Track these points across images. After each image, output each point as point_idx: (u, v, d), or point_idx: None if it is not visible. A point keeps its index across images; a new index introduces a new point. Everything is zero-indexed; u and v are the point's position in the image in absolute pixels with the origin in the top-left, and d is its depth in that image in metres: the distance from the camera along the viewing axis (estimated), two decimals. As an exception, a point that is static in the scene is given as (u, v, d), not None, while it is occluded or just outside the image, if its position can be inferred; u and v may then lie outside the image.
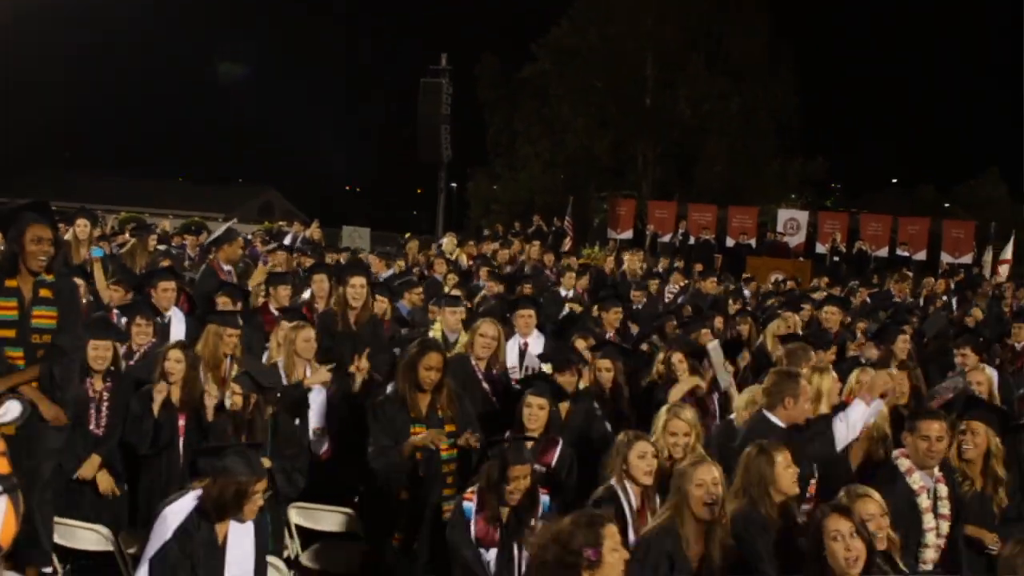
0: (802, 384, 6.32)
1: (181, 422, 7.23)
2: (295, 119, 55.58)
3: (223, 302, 9.18)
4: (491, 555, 5.51)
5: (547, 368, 8.09)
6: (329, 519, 7.31)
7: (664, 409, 6.37)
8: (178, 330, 8.99)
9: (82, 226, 11.87)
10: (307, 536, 7.42)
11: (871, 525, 4.80)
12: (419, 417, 6.66)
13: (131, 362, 8.04)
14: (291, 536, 7.29)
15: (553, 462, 6.48)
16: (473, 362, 8.14)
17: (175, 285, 9.36)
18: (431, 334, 9.16)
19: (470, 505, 5.62)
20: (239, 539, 5.11)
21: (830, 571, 4.52)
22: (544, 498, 5.61)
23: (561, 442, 6.66)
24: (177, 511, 5.05)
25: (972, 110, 49.41)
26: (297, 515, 7.28)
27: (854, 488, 5.12)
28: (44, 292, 6.28)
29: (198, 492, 5.06)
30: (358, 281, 9.17)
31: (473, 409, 7.04)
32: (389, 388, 7.22)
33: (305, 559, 7.29)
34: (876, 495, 5.04)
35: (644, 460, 5.65)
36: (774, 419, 6.18)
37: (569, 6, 37.54)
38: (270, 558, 6.43)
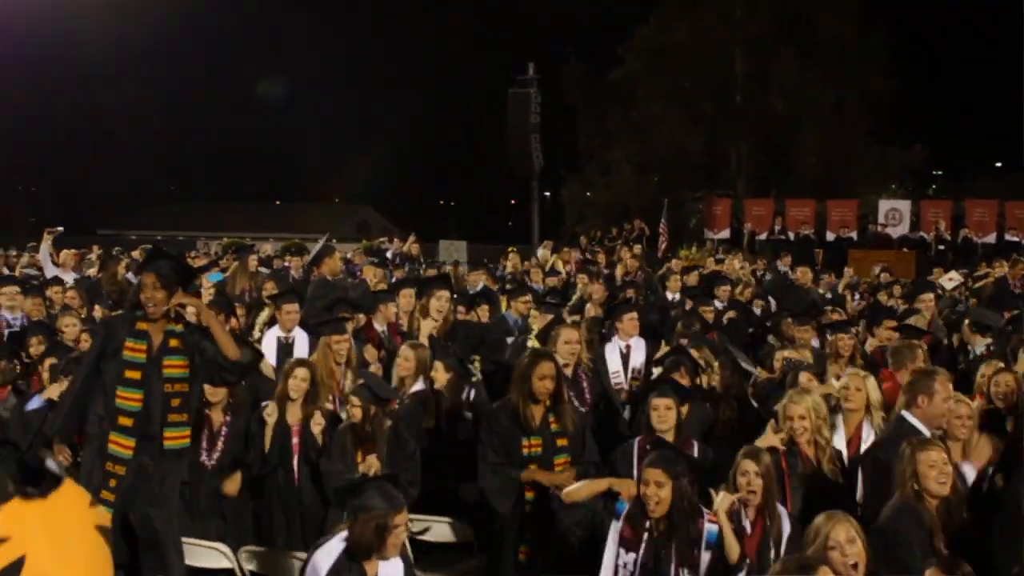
0: (938, 380, 6.19)
1: (295, 439, 7.42)
2: (385, 136, 56.20)
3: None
4: (629, 558, 5.50)
5: (656, 371, 8.09)
6: (441, 530, 7.41)
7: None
8: (302, 350, 9.15)
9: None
10: (419, 548, 7.52)
11: None
12: (531, 430, 6.70)
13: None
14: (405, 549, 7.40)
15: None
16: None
17: (298, 307, 9.60)
18: (529, 341, 9.21)
19: (624, 505, 5.61)
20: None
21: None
22: (711, 527, 5.43)
23: (696, 442, 6.60)
24: (326, 553, 5.13)
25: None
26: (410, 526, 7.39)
27: None
28: (173, 342, 6.47)
29: (344, 534, 5.13)
30: (442, 295, 9.28)
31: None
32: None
33: (420, 572, 7.39)
34: None
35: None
36: (912, 420, 6.06)
37: (656, 4, 37.34)
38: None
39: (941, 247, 23.78)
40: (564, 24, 48.32)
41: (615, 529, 5.56)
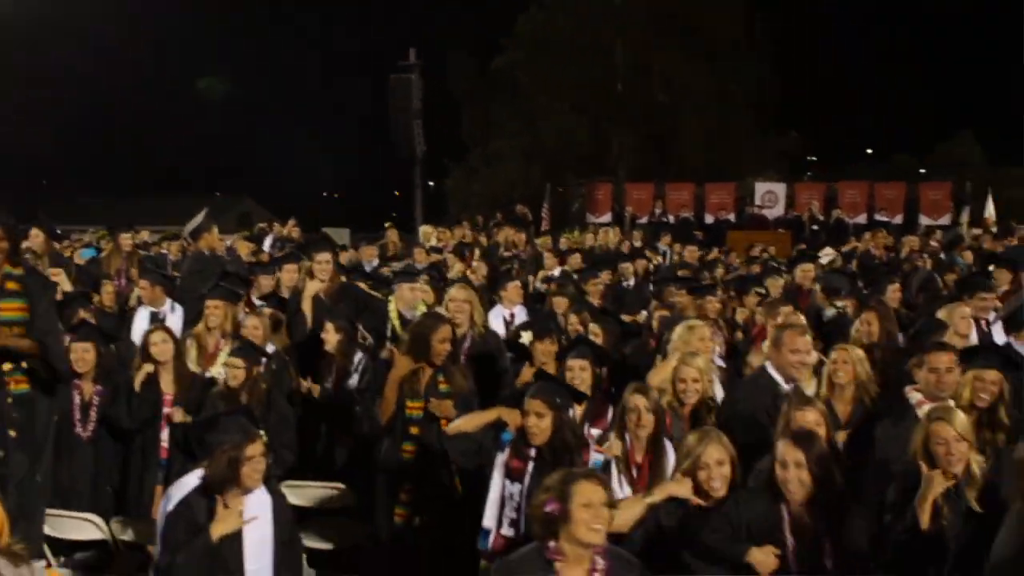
0: (786, 334, 6.51)
1: (166, 409, 7.26)
2: (266, 128, 55.25)
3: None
4: (515, 488, 5.50)
5: (527, 336, 8.12)
6: (320, 496, 7.32)
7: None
8: (175, 324, 9.03)
9: (35, 236, 11.72)
10: (299, 514, 7.42)
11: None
12: (414, 392, 6.70)
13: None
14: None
15: (608, 425, 6.29)
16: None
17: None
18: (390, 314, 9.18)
19: (509, 435, 5.62)
20: (257, 522, 5.05)
21: None
22: (597, 456, 5.50)
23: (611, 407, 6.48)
24: (180, 486, 5.09)
25: (943, 75, 49.69)
26: (290, 494, 7.27)
27: None
28: (11, 285, 6.21)
29: (201, 471, 5.06)
30: (322, 257, 9.21)
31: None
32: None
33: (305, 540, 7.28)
34: None
35: None
36: (770, 370, 6.46)
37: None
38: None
39: (815, 227, 24.38)
40: (448, 13, 48.25)
41: (500, 460, 5.58)
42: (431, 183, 40.35)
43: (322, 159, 58.12)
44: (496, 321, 9.37)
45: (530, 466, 5.46)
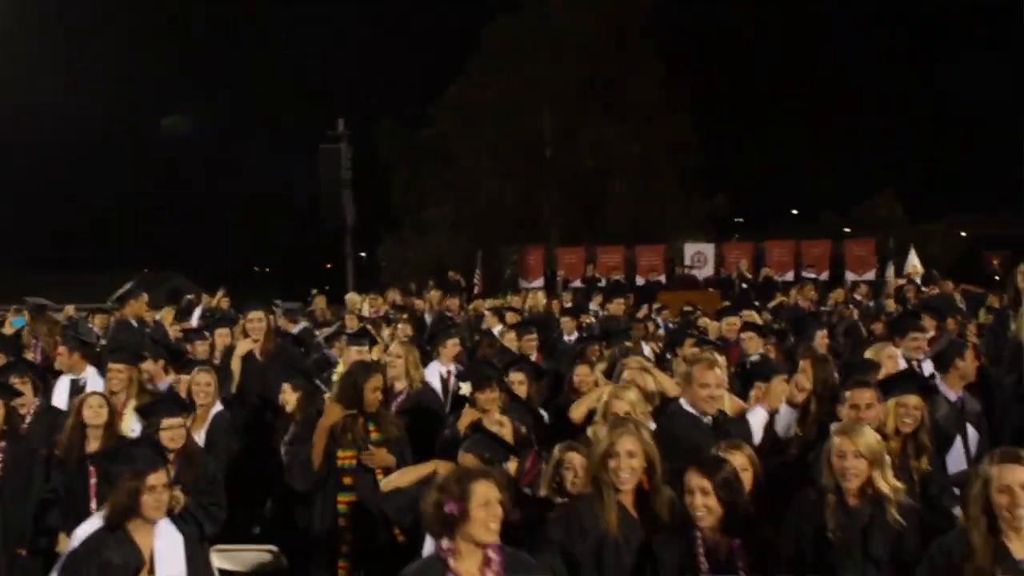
0: (695, 369, 6.58)
1: (93, 480, 7.06)
2: (194, 200, 55.07)
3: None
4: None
5: (466, 387, 8.06)
6: (252, 560, 7.14)
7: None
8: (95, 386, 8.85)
9: None
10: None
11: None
12: (345, 442, 6.61)
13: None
14: (215, 583, 7.09)
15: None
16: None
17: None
18: (334, 376, 9.12)
19: None
20: (167, 549, 4.98)
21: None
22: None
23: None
24: (87, 526, 5.05)
25: (864, 134, 51.13)
26: (219, 559, 7.09)
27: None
28: None
29: (103, 511, 5.00)
30: (255, 315, 9.14)
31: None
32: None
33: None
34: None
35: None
36: (684, 404, 6.53)
37: (464, 63, 38.08)
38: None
39: (744, 285, 24.70)
40: (376, 82, 48.66)
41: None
42: (363, 254, 40.28)
43: (250, 233, 57.97)
44: (433, 377, 9.30)
45: None
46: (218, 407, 8.04)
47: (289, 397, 7.92)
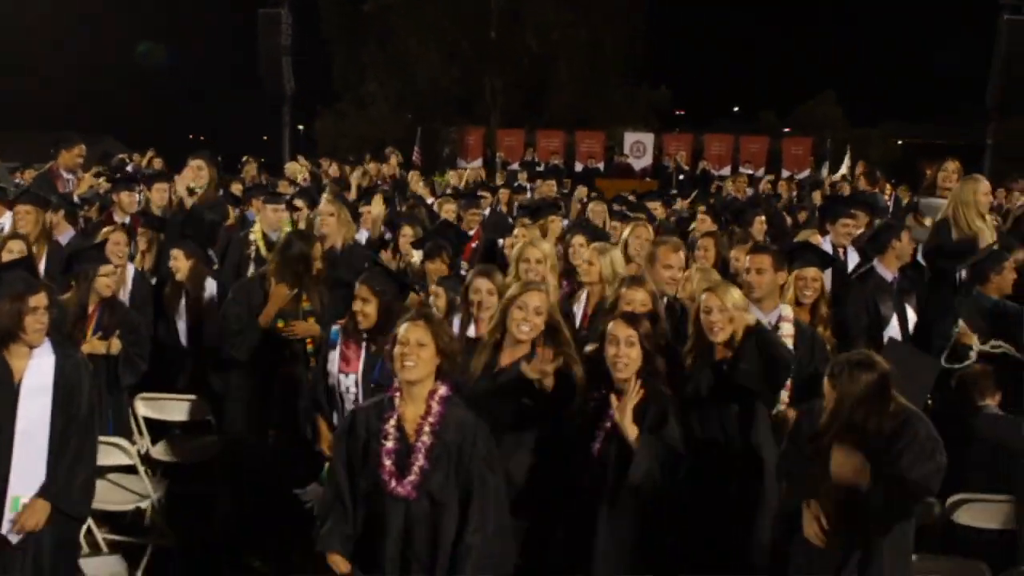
0: (659, 249, 6.72)
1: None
2: (127, 62, 53.27)
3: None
4: (350, 380, 5.53)
5: (417, 255, 8.10)
6: (178, 409, 7.17)
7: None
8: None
9: None
10: (157, 429, 7.27)
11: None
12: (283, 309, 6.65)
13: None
14: (140, 431, 7.12)
15: None
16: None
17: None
18: (251, 235, 9.01)
19: (336, 333, 5.73)
20: (36, 374, 4.96)
21: None
22: None
23: None
24: None
25: (806, 34, 51.01)
26: (144, 407, 7.11)
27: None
28: None
29: None
30: (196, 163, 9.15)
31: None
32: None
33: (156, 452, 7.14)
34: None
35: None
36: None
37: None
38: (117, 439, 6.32)
39: (681, 177, 24.76)
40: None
41: (333, 360, 5.66)
42: (300, 127, 39.60)
43: (188, 102, 56.53)
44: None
45: (361, 354, 5.58)
46: (131, 267, 7.94)
47: (181, 264, 7.80)
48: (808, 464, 4.46)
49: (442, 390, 4.39)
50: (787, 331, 5.90)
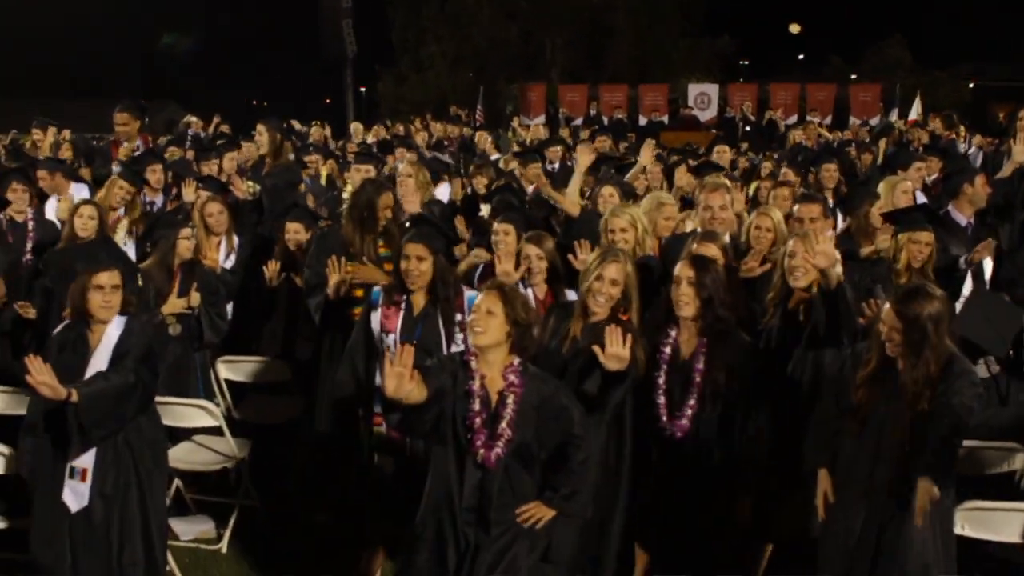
0: (703, 193, 6.70)
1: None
2: (191, 30, 53.85)
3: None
4: (390, 340, 5.46)
5: (486, 208, 8.12)
6: (260, 371, 7.27)
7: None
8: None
9: None
10: (239, 390, 7.38)
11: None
12: (355, 255, 6.51)
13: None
14: (222, 392, 7.23)
15: None
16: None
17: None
18: (344, 193, 9.07)
19: (378, 292, 5.61)
20: (107, 341, 5.05)
21: None
22: (470, 293, 5.49)
23: None
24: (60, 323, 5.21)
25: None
26: (226, 369, 7.22)
27: None
28: None
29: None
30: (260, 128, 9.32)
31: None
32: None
33: (238, 414, 7.25)
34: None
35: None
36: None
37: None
38: (203, 401, 6.43)
39: (747, 128, 24.45)
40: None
41: (375, 319, 5.56)
42: (362, 89, 39.73)
43: (248, 67, 56.88)
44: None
45: (401, 313, 5.49)
46: (236, 239, 7.97)
47: (302, 237, 7.79)
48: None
49: (516, 361, 4.37)
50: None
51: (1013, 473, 5.57)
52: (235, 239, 7.90)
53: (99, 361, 4.99)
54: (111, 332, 5.05)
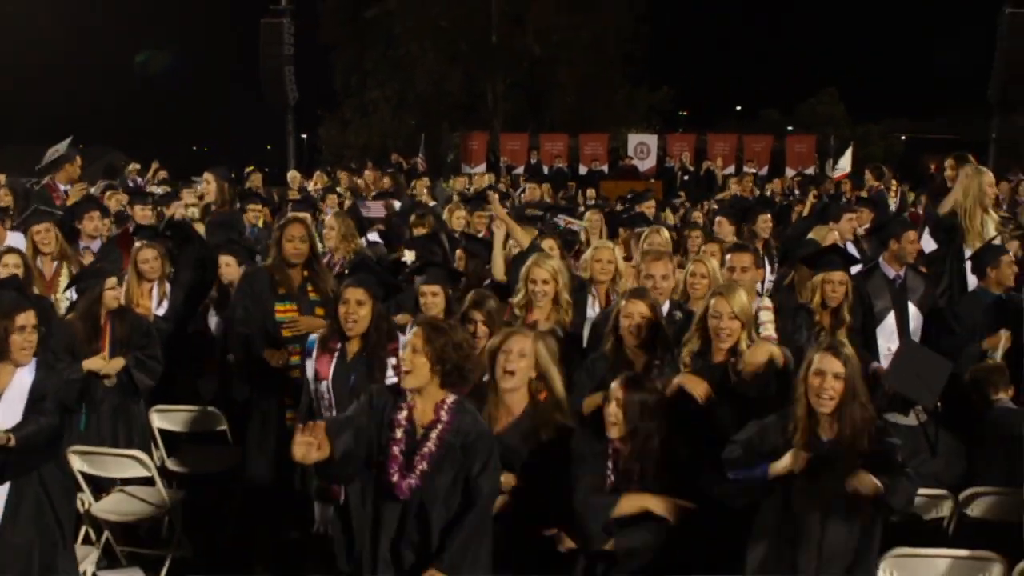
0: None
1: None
2: (131, 76, 53.40)
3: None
4: (323, 386, 5.46)
5: (410, 254, 8.13)
6: (194, 420, 7.19)
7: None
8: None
9: None
10: (174, 439, 7.29)
11: None
12: (288, 294, 6.57)
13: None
14: (156, 442, 7.14)
15: None
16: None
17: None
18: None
19: (314, 338, 5.62)
20: (17, 387, 5.04)
21: None
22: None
23: None
24: None
25: (809, 34, 51.02)
26: (160, 418, 7.14)
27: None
28: None
29: None
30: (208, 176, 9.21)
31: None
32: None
33: (172, 464, 7.16)
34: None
35: None
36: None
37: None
38: (134, 451, 6.35)
39: (686, 177, 24.80)
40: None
41: (310, 367, 5.55)
42: (303, 135, 39.66)
43: (190, 113, 56.53)
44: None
45: (334, 360, 5.47)
46: (168, 286, 7.83)
47: (233, 271, 7.81)
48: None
49: (450, 399, 4.37)
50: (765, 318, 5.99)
51: (942, 520, 5.69)
52: (167, 286, 7.83)
53: (10, 403, 4.96)
54: (23, 374, 5.03)
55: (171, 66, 51.10)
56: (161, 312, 7.63)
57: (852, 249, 8.40)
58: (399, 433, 4.32)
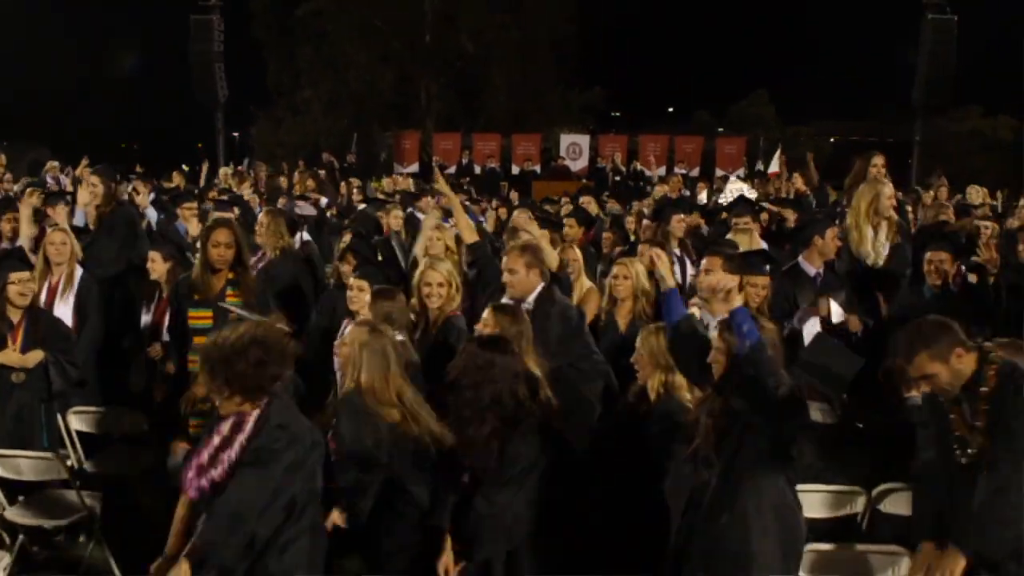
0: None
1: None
2: (58, 70, 52.32)
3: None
4: None
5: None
6: (113, 421, 7.09)
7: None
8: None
9: None
10: (92, 441, 7.18)
11: None
12: (203, 300, 6.50)
13: None
14: (72, 444, 7.03)
15: None
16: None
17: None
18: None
19: None
20: None
21: None
22: None
23: None
24: None
25: (741, 36, 51.51)
26: (77, 420, 7.03)
27: None
28: None
29: None
30: (94, 179, 9.17)
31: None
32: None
33: (89, 467, 7.05)
34: None
35: None
36: None
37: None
38: (50, 454, 6.26)
39: (617, 178, 25.00)
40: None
41: None
42: (235, 133, 39.25)
43: (117, 109, 55.59)
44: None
45: None
46: (80, 270, 7.81)
47: (159, 267, 7.75)
48: None
49: (256, 412, 4.20)
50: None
51: (855, 515, 5.79)
52: (77, 273, 7.73)
53: None
54: None
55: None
56: (69, 302, 7.56)
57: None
58: (215, 438, 4.21)
